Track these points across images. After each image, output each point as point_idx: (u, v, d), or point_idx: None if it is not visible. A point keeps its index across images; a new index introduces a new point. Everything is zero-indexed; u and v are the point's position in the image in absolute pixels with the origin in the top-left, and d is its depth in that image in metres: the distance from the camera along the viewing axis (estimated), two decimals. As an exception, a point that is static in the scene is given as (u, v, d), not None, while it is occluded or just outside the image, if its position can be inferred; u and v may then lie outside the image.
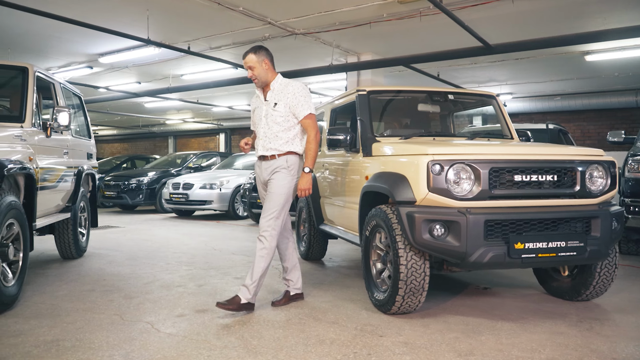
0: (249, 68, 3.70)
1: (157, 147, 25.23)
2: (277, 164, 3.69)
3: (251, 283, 3.60)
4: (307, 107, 3.66)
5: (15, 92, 4.80)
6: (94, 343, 2.97)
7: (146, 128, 23.22)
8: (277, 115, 3.67)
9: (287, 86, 3.71)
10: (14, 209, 3.66)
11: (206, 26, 7.24)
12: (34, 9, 5.60)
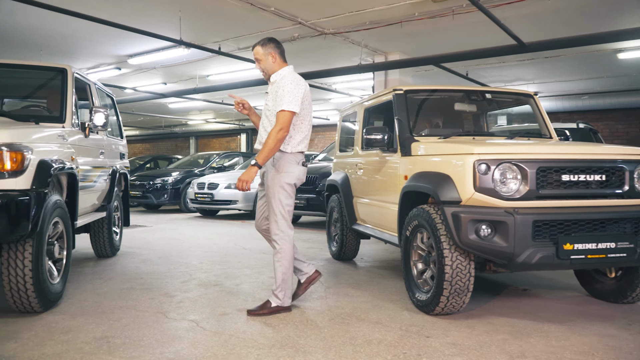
0: (256, 60, 3.68)
1: (179, 148, 25.45)
2: (268, 162, 3.60)
3: (275, 288, 3.61)
4: (287, 103, 3.42)
5: (52, 92, 4.87)
6: (143, 340, 3.00)
7: (168, 128, 23.44)
8: (266, 108, 3.63)
9: (283, 79, 3.57)
10: (59, 208, 3.71)
11: (236, 27, 7.27)
12: (71, 10, 5.69)
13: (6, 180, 3.11)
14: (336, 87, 12.28)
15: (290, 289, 3.67)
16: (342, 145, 6.27)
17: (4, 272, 3.30)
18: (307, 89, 3.62)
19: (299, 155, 3.64)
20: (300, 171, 3.65)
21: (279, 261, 3.58)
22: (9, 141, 3.16)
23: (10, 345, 2.90)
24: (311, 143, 19.64)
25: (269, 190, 3.58)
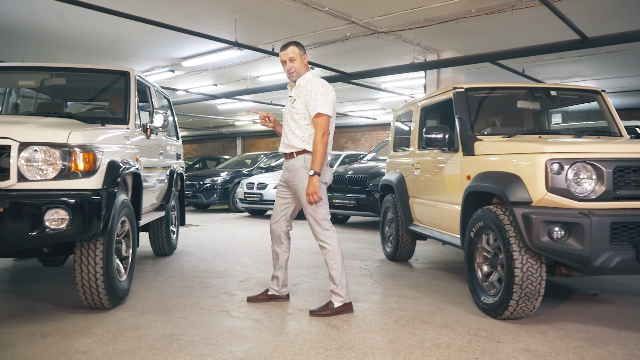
0: (289, 60, 3.62)
1: (226, 148, 25.85)
2: (295, 164, 3.61)
3: (335, 287, 3.60)
4: (321, 106, 3.46)
5: (115, 95, 5.01)
6: (211, 339, 3.03)
7: (216, 129, 23.85)
8: (294, 112, 3.61)
9: (309, 83, 3.60)
10: (126, 207, 3.81)
11: (288, 28, 7.31)
12: (133, 15, 5.85)
13: (79, 180, 3.21)
14: (386, 86, 12.16)
15: (347, 286, 3.66)
16: (397, 144, 6.19)
17: (77, 270, 3.41)
18: (334, 92, 3.67)
19: (326, 157, 3.65)
20: (330, 172, 3.69)
21: (332, 259, 3.59)
22: (82, 142, 3.25)
23: (85, 340, 2.98)
24: (357, 143, 19.56)
25: (299, 192, 3.59)
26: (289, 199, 3.78)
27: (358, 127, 19.17)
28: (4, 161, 3.06)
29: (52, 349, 2.83)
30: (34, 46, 8.40)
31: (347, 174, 9.17)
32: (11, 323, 3.31)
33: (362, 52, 8.64)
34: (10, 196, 3.00)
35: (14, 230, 2.99)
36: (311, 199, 3.46)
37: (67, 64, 5.02)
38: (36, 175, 3.11)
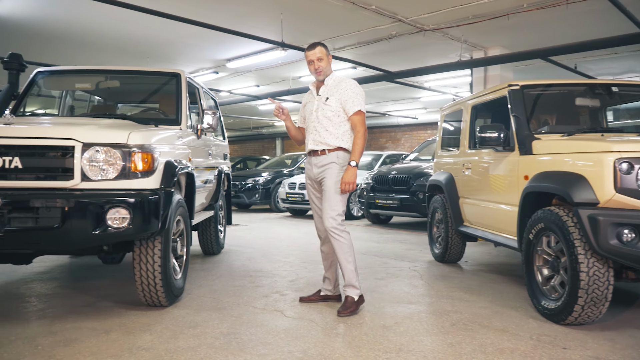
0: (317, 59, 3.69)
1: (265, 149, 26.07)
2: (327, 159, 3.66)
3: (349, 281, 3.64)
4: (358, 104, 3.63)
5: (165, 96, 5.10)
6: (268, 338, 3.03)
7: (256, 130, 24.08)
8: (327, 109, 3.66)
9: (341, 82, 3.71)
10: (181, 207, 3.86)
11: (334, 27, 7.29)
12: (182, 17, 5.96)
13: (139, 180, 3.27)
14: (430, 84, 11.99)
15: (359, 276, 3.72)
16: (444, 144, 6.09)
17: (136, 268, 3.48)
18: None
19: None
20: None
21: (346, 252, 3.63)
22: (141, 143, 3.31)
23: (146, 337, 3.03)
24: (397, 143, 19.38)
25: (333, 186, 3.61)
26: (321, 197, 3.78)
27: (398, 127, 18.99)
28: (68, 161, 3.14)
29: (116, 345, 2.89)
30: (83, 50, 8.66)
31: (390, 174, 9.10)
32: (74, 318, 3.41)
33: (406, 51, 8.54)
34: (74, 195, 3.08)
35: (79, 229, 3.07)
36: (346, 188, 3.56)
37: (121, 66, 5.15)
38: (98, 175, 3.19)
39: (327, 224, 3.60)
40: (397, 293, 4.22)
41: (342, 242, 3.60)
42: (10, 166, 3.10)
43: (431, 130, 18.22)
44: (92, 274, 4.96)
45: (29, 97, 4.80)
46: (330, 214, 3.60)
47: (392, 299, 4.00)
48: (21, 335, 3.05)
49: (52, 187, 3.13)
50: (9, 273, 4.90)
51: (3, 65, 4.81)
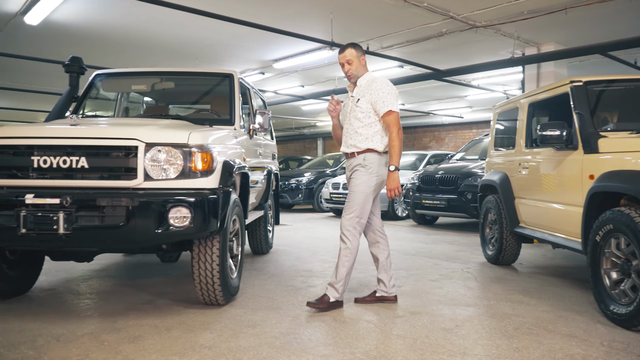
0: (347, 62, 3.68)
1: (307, 149, 26.15)
2: (355, 162, 3.66)
3: (336, 282, 3.63)
4: (389, 104, 3.56)
5: (216, 97, 5.16)
6: (328, 339, 3.01)
7: (297, 130, 24.18)
8: (358, 111, 3.64)
9: (372, 82, 3.66)
10: (237, 207, 3.89)
11: (383, 26, 7.22)
12: (232, 17, 6.02)
13: (199, 179, 3.31)
14: (478, 82, 11.71)
15: (347, 286, 3.72)
16: (498, 143, 5.93)
17: (195, 266, 3.52)
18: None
19: (385, 155, 3.71)
20: (386, 173, 3.68)
21: (347, 256, 3.63)
22: (200, 143, 3.35)
23: (207, 335, 3.06)
24: (441, 142, 19.08)
25: (356, 187, 3.62)
26: None
27: (443, 126, 18.68)
28: (132, 161, 3.21)
29: (179, 343, 2.93)
30: (135, 53, 8.88)
31: (437, 174, 8.95)
32: (136, 315, 3.48)
33: (455, 48, 8.37)
34: (138, 195, 3.14)
35: (143, 228, 3.12)
36: (392, 194, 3.56)
37: (175, 68, 5.25)
38: (160, 174, 3.24)
39: (342, 223, 3.66)
40: (453, 295, 4.13)
41: (348, 246, 3.63)
42: (76, 166, 3.19)
43: (476, 129, 17.86)
44: (146, 271, 5.06)
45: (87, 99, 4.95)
46: (346, 214, 3.63)
47: (448, 301, 3.92)
48: (86, 332, 3.13)
49: (116, 187, 3.21)
50: (68, 270, 5.05)
51: (64, 68, 4.96)
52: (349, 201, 3.65)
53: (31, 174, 3.22)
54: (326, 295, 3.66)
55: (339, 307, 3.68)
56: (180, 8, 5.67)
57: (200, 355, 2.74)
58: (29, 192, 3.14)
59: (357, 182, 3.63)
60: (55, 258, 3.87)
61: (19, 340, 2.96)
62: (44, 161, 3.19)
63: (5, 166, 3.26)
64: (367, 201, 3.65)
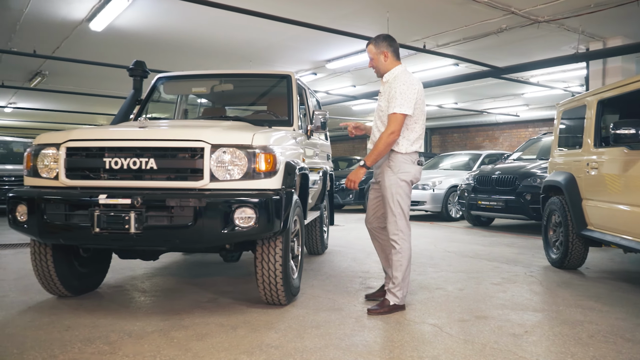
0: (370, 59, 3.68)
1: (356, 149, 26.10)
2: (382, 162, 3.62)
3: (394, 287, 3.60)
4: (399, 105, 3.42)
5: (274, 98, 5.20)
6: (394, 342, 2.97)
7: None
8: (379, 109, 3.62)
9: (393, 81, 3.55)
10: (298, 207, 3.90)
11: (440, 23, 7.10)
12: (287, 18, 6.08)
13: (262, 180, 3.34)
14: (538, 79, 11.32)
15: (407, 288, 3.68)
16: (562, 142, 5.71)
17: (258, 266, 3.55)
18: (420, 88, 3.58)
19: (413, 155, 3.61)
20: (416, 170, 3.63)
21: (399, 260, 3.58)
22: (264, 144, 3.38)
23: (272, 335, 3.08)
24: (495, 142, 18.60)
25: (387, 191, 3.57)
26: (378, 197, 3.77)
27: (497, 125, 18.19)
28: (198, 162, 3.27)
29: (246, 341, 2.96)
30: (191, 56, 9.10)
31: (493, 174, 8.72)
32: (201, 313, 3.54)
33: (515, 44, 8.12)
34: (205, 195, 3.20)
35: (209, 228, 3.18)
36: (348, 185, 3.58)
37: (233, 70, 5.33)
38: (224, 175, 3.28)
39: (388, 229, 3.61)
40: (518, 299, 4.00)
41: (398, 249, 3.57)
42: (145, 167, 3.28)
43: (532, 128, 17.31)
44: (206, 270, 5.16)
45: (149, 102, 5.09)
46: (390, 219, 3.58)
47: (514, 306, 3.79)
48: (156, 328, 3.22)
49: (183, 187, 3.27)
50: (132, 268, 5.21)
51: (129, 72, 5.13)
52: (387, 206, 3.59)
53: (103, 175, 3.34)
54: (386, 299, 3.64)
55: (400, 310, 3.64)
56: (238, 10, 5.77)
57: (268, 354, 2.76)
58: (102, 192, 3.25)
59: (386, 185, 3.59)
60: (123, 256, 4.00)
61: (94, 335, 3.07)
62: (115, 162, 3.30)
63: (79, 167, 3.39)
64: (404, 196, 3.58)
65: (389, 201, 3.57)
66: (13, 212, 3.46)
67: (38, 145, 3.51)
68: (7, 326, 3.25)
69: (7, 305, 3.77)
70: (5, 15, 6.83)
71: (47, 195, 3.36)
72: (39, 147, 3.49)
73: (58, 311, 3.59)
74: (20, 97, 14.19)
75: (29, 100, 14.79)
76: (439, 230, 8.84)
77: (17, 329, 3.20)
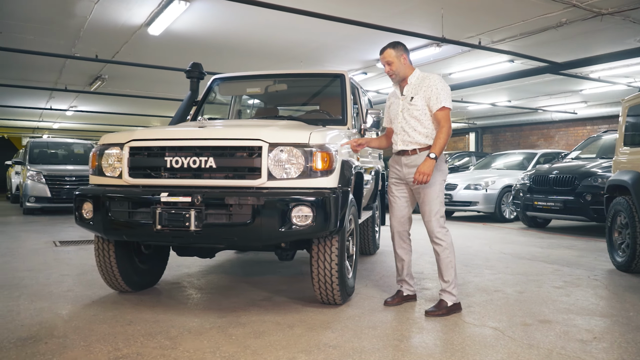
0: (386, 63, 3.66)
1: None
2: (420, 159, 3.57)
3: (448, 285, 3.58)
4: (443, 100, 3.52)
5: (327, 97, 5.19)
6: (454, 345, 2.90)
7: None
8: (413, 109, 3.60)
9: (425, 79, 3.62)
10: (353, 206, 3.88)
11: (496, 19, 6.91)
12: (340, 17, 6.06)
13: (319, 179, 3.33)
14: (599, 75, 10.81)
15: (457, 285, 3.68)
16: (628, 140, 5.44)
17: (314, 265, 3.55)
18: None
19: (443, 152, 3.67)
20: (447, 169, 3.74)
21: (448, 257, 3.60)
22: (320, 142, 3.37)
23: (329, 334, 3.07)
24: (550, 140, 17.96)
25: (431, 190, 3.57)
26: (407, 196, 3.77)
27: (552, 123, 17.54)
28: (256, 161, 3.30)
29: (303, 340, 2.96)
30: (244, 57, 9.24)
31: (551, 174, 8.41)
32: (257, 311, 3.57)
33: (575, 39, 7.79)
34: (263, 194, 3.22)
35: (267, 226, 3.20)
36: (421, 178, 3.44)
37: (286, 70, 5.37)
38: (282, 174, 3.30)
39: (430, 228, 3.62)
40: (583, 304, 3.83)
41: (444, 247, 3.60)
42: (205, 166, 3.34)
43: (591, 126, 16.61)
44: (259, 269, 5.20)
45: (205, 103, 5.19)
46: (431, 218, 3.59)
47: (579, 310, 3.63)
48: (214, 325, 3.26)
49: (241, 186, 3.31)
50: (188, 265, 5.33)
51: (186, 74, 5.25)
52: (429, 203, 3.59)
53: (164, 173, 3.42)
54: (443, 301, 3.58)
55: (458, 310, 3.57)
56: (291, 11, 5.80)
57: (326, 354, 2.75)
58: (163, 190, 3.33)
59: (430, 183, 3.57)
60: (181, 253, 4.09)
61: (155, 330, 3.15)
62: (175, 161, 3.37)
63: (141, 166, 3.49)
64: (440, 195, 3.62)
65: (432, 200, 3.58)
66: (79, 210, 3.60)
67: (103, 145, 3.63)
68: (73, 319, 3.38)
69: (72, 299, 3.93)
70: (71, 23, 7.13)
71: (111, 193, 3.47)
72: (104, 147, 3.62)
73: (120, 306, 3.71)
74: (81, 100, 14.81)
75: (89, 103, 15.41)
76: (492, 232, 8.60)
77: (83, 322, 3.32)
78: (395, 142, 3.76)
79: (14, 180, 15.10)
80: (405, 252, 3.87)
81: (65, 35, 7.80)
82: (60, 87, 12.06)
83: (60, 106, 15.72)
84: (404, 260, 3.86)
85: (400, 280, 3.90)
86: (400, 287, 3.90)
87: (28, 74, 10.99)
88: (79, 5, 6.48)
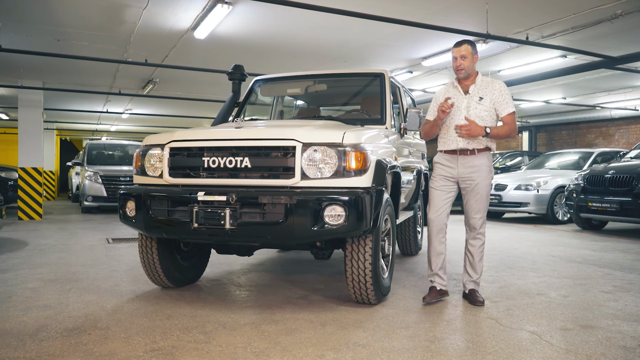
0: (461, 57, 3.73)
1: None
2: (479, 161, 3.73)
3: (478, 277, 3.86)
4: (512, 105, 3.75)
5: (367, 96, 5.17)
6: (487, 347, 2.83)
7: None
8: (481, 109, 3.70)
9: (492, 83, 3.77)
10: (389, 206, 3.86)
11: (545, 12, 6.64)
12: (383, 16, 6.01)
13: (352, 178, 3.34)
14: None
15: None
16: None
17: (348, 264, 3.56)
18: None
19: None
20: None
21: (483, 251, 3.88)
22: (354, 142, 3.38)
23: (360, 333, 3.07)
24: (610, 139, 17.14)
25: (482, 189, 3.73)
26: (452, 194, 3.85)
27: (611, 121, 16.73)
28: (290, 161, 3.34)
29: (333, 338, 2.97)
30: (287, 58, 9.31)
31: (606, 174, 8.05)
32: (292, 309, 3.62)
33: (631, 31, 7.38)
34: (296, 193, 3.26)
35: (300, 225, 3.23)
36: (464, 131, 3.62)
37: (326, 70, 5.38)
38: (316, 173, 3.32)
39: (476, 224, 3.80)
40: (632, 310, 3.65)
41: (484, 241, 3.84)
42: (240, 165, 3.41)
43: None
44: (299, 268, 5.26)
45: (247, 104, 5.29)
46: (480, 215, 3.79)
47: (626, 316, 3.47)
48: (248, 321, 3.33)
49: (275, 185, 3.36)
50: (230, 263, 5.45)
51: (228, 76, 5.36)
52: (479, 202, 3.77)
53: (202, 173, 3.52)
54: (473, 290, 3.85)
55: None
56: (333, 11, 5.80)
57: (355, 352, 2.75)
58: (200, 189, 3.43)
59: (485, 184, 3.75)
60: (221, 251, 4.19)
61: (191, 325, 3.25)
62: (212, 161, 3.46)
63: (180, 166, 3.60)
64: (489, 194, 3.85)
65: (484, 197, 3.77)
66: (123, 208, 3.76)
67: (145, 146, 3.78)
68: (117, 312, 3.54)
69: (118, 293, 4.10)
70: (122, 29, 7.43)
71: (153, 192, 3.61)
72: (146, 147, 3.76)
73: (161, 301, 3.84)
74: (135, 103, 15.37)
75: (142, 106, 15.98)
76: (543, 234, 8.31)
77: (125, 315, 3.46)
78: (451, 139, 3.79)
79: (74, 180, 15.92)
80: (444, 246, 3.89)
81: (116, 41, 8.13)
82: (115, 91, 12.57)
83: (116, 109, 16.38)
84: (442, 254, 3.86)
85: (433, 274, 3.87)
86: (433, 282, 3.87)
87: (85, 79, 11.51)
88: (128, 12, 6.73)
